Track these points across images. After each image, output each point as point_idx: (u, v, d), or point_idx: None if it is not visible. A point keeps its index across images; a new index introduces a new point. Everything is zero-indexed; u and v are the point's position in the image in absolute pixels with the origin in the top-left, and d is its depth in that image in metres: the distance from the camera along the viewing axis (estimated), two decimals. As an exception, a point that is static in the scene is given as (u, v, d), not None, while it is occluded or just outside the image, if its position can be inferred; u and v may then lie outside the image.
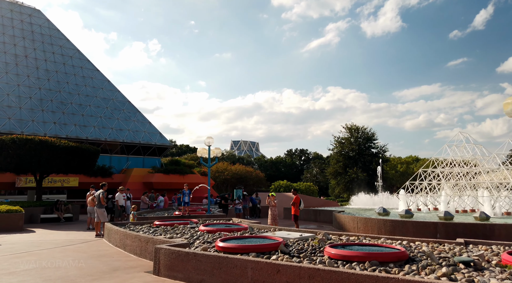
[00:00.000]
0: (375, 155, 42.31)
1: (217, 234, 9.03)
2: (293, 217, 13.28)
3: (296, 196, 13.47)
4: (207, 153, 18.29)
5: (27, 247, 10.28)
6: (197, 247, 7.51)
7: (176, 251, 6.57)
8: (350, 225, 14.65)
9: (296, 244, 7.04)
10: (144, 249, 8.53)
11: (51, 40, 44.89)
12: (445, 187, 18.35)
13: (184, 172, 39.17)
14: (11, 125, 34.35)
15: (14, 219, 15.15)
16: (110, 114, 42.00)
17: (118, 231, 10.04)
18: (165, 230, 10.12)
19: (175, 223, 11.07)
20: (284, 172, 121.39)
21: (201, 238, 8.55)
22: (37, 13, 46.81)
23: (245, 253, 6.37)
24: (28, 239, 12.25)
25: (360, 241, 7.53)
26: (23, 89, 37.89)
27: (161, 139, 43.91)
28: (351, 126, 43.55)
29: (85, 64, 45.48)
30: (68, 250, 9.77)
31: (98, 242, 11.31)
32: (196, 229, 10.11)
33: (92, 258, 8.54)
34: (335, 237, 8.20)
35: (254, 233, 9.09)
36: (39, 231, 14.82)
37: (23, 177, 31.18)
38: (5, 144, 19.88)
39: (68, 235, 13.43)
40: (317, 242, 7.04)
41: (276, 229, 10.04)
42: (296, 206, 13.25)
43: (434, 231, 11.79)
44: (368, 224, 13.64)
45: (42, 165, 19.90)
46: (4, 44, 40.39)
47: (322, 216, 19.85)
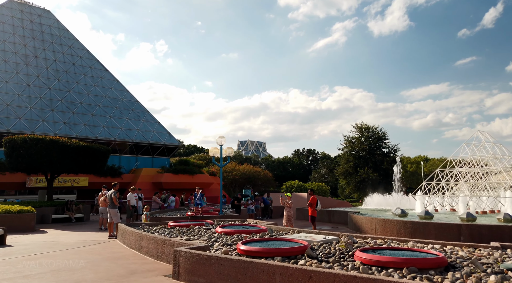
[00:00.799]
0: (386, 155, 41.66)
1: (235, 236, 8.73)
2: (310, 218, 12.93)
3: (312, 196, 13.11)
4: (219, 152, 18.00)
5: (40, 248, 10.09)
6: (217, 250, 7.22)
7: (197, 255, 6.27)
8: (367, 227, 14.26)
9: (322, 248, 6.70)
10: (161, 252, 8.26)
11: (61, 40, 45.03)
12: (464, 187, 17.84)
13: (193, 172, 39.00)
14: (21, 125, 34.46)
15: (26, 219, 15.02)
16: (119, 114, 42.00)
17: (132, 232, 9.79)
18: (180, 232, 9.85)
19: (190, 224, 10.80)
20: (292, 172, 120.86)
21: (220, 240, 8.25)
22: (46, 14, 47.00)
23: (269, 257, 6.06)
24: (40, 239, 12.08)
25: (388, 244, 7.17)
26: (33, 89, 38.02)
27: (170, 139, 43.81)
28: (362, 126, 43.02)
29: (94, 64, 45.54)
30: (82, 251, 9.55)
31: (112, 243, 11.08)
32: (212, 231, 9.82)
33: (107, 261, 8.29)
34: (360, 240, 7.84)
35: (274, 235, 8.77)
36: (51, 232, 14.66)
37: (34, 176, 31.22)
38: (16, 144, 19.82)
39: (80, 235, 13.24)
40: (344, 245, 6.69)
41: (295, 231, 9.71)
42: (313, 206, 12.89)
43: (457, 233, 11.36)
44: (386, 225, 13.24)
45: (53, 164, 19.80)
46: (14, 45, 40.59)
47: (336, 216, 19.46)
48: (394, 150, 41.73)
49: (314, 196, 13.07)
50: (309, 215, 13.11)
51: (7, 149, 20.31)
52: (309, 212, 13.09)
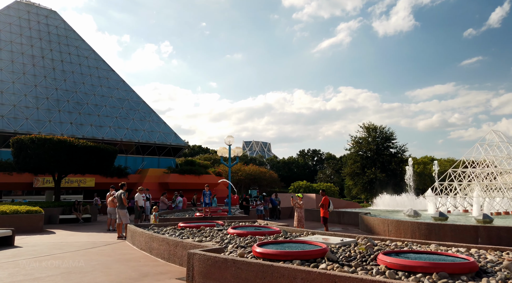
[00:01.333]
0: (394, 155, 41.20)
1: (249, 238, 8.50)
2: (322, 220, 12.67)
3: (324, 197, 12.84)
4: (228, 152, 17.78)
5: (49, 249, 9.93)
6: (231, 252, 7.00)
7: (212, 257, 6.05)
8: (379, 228, 13.97)
9: (342, 251, 6.45)
10: (172, 254, 8.05)
11: (67, 41, 45.15)
12: (477, 188, 17.47)
13: (200, 172, 38.87)
14: (28, 125, 34.54)
15: (34, 220, 14.91)
16: (125, 115, 41.99)
17: (143, 234, 9.60)
18: (191, 233, 9.64)
19: (201, 225, 10.59)
20: (297, 172, 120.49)
21: (233, 242, 8.03)
22: (53, 15, 47.16)
23: (287, 260, 5.82)
24: (49, 240, 11.93)
25: (409, 247, 6.90)
26: (40, 90, 38.12)
27: (176, 139, 43.73)
28: (369, 126, 42.60)
29: (101, 64, 45.61)
30: (91, 253, 9.37)
31: (121, 244, 10.90)
32: (224, 232, 9.60)
33: (118, 263, 8.10)
34: (379, 243, 7.58)
35: (288, 237, 8.53)
36: (59, 232, 14.53)
37: (41, 177, 31.25)
38: (24, 144, 19.76)
39: (89, 236, 13.09)
40: (364, 248, 6.44)
41: (309, 232, 9.46)
42: (325, 207, 12.63)
43: (475, 235, 11.05)
44: (400, 227, 12.94)
45: (61, 164, 19.71)
46: (21, 45, 40.74)
47: (346, 217, 19.16)
48: (402, 150, 41.28)
49: (326, 197, 12.80)
50: (321, 216, 12.85)
51: (14, 149, 20.26)
52: (321, 213, 12.83)
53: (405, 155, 41.40)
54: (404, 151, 41.29)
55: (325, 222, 12.75)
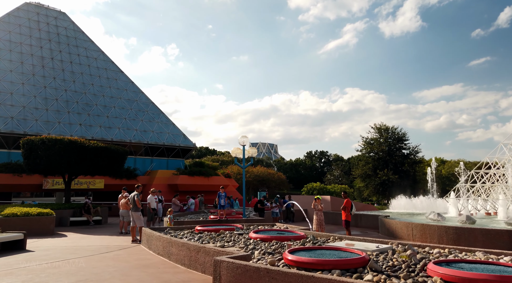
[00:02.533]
0: (407, 156, 40.38)
1: (274, 243, 8.00)
2: (344, 223, 12.11)
3: (347, 199, 12.29)
4: (242, 153, 17.31)
5: (63, 254, 9.52)
6: (260, 260, 6.50)
7: (242, 266, 5.57)
8: (403, 232, 13.38)
9: (382, 259, 5.92)
10: (194, 260, 7.58)
11: (76, 42, 45.09)
12: (502, 189, 16.78)
13: (209, 174, 38.43)
14: (38, 127, 34.40)
15: (45, 222, 14.55)
16: (134, 116, 41.75)
17: (160, 238, 9.14)
18: (211, 237, 9.16)
19: (220, 228, 10.11)
20: (304, 174, 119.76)
21: (258, 248, 7.53)
22: (62, 16, 47.17)
23: (325, 269, 5.31)
24: (61, 244, 11.54)
25: (455, 255, 6.34)
26: (50, 91, 38.02)
27: (184, 140, 43.38)
28: (380, 126, 41.83)
29: (109, 66, 45.48)
30: (107, 258, 8.93)
31: (137, 249, 10.45)
32: (245, 236, 9.11)
33: (136, 269, 7.65)
34: (419, 250, 7.02)
35: (316, 242, 8.01)
36: (70, 235, 14.16)
37: (50, 178, 31.03)
38: (35, 145, 19.48)
39: (102, 240, 12.68)
40: (406, 256, 5.90)
41: (336, 237, 8.93)
42: (348, 210, 12.08)
43: (508, 240, 10.43)
44: (426, 231, 12.35)
45: (72, 166, 19.39)
46: (31, 47, 40.73)
47: (364, 220, 18.57)
48: (415, 151, 40.47)
49: (349, 199, 12.25)
50: (342, 219, 12.29)
51: (25, 150, 19.99)
52: (342, 216, 12.27)
53: (418, 156, 40.62)
54: (417, 152, 40.50)
55: (348, 226, 12.19)
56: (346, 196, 12.38)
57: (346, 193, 12.55)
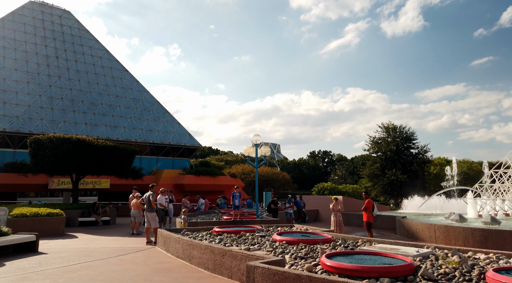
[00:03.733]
0: (415, 156, 39.86)
1: (302, 246, 7.60)
2: (366, 224, 11.70)
3: (368, 199, 11.87)
4: (254, 152, 16.91)
5: (77, 257, 9.14)
6: (293, 265, 6.11)
7: (280, 272, 5.17)
8: (424, 234, 12.95)
9: (430, 266, 5.51)
10: (219, 264, 7.18)
11: (81, 41, 44.80)
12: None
13: (215, 174, 38.07)
14: (43, 126, 34.10)
15: (55, 223, 14.19)
16: (139, 115, 41.42)
17: (180, 240, 8.75)
18: (232, 239, 8.77)
19: (241, 230, 9.71)
20: (307, 174, 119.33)
21: (288, 252, 7.13)
22: (67, 15, 46.88)
23: (372, 277, 4.91)
24: (73, 246, 11.17)
25: (506, 261, 5.92)
26: (55, 90, 37.72)
27: (190, 140, 43.03)
28: (388, 125, 41.36)
29: (114, 64, 45.16)
30: (124, 261, 8.55)
31: (153, 251, 10.07)
32: (269, 239, 8.71)
33: (157, 273, 7.26)
34: (464, 255, 6.61)
35: (347, 245, 7.61)
36: (81, 236, 13.79)
37: (56, 178, 30.72)
38: (42, 144, 19.13)
39: (114, 241, 12.30)
40: (456, 263, 5.49)
41: (364, 240, 8.52)
42: (369, 211, 11.66)
43: (540, 242, 9.99)
44: (450, 233, 11.92)
45: (80, 165, 19.03)
46: (35, 46, 40.44)
47: (379, 221, 18.13)
48: (424, 150, 39.94)
49: (370, 200, 11.83)
50: (363, 220, 11.87)
51: (32, 149, 19.65)
52: (364, 217, 11.85)
53: (427, 155, 40.09)
54: (426, 152, 39.96)
55: (369, 227, 11.78)
56: (368, 196, 11.96)
57: (367, 193, 12.13)
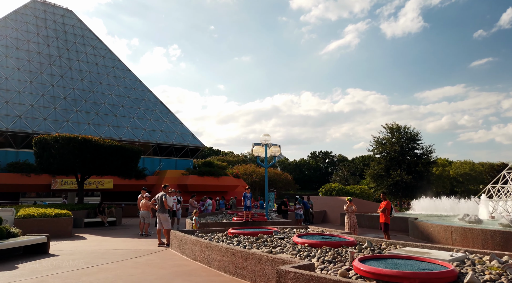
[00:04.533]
0: (420, 157, 39.67)
1: (327, 249, 7.35)
2: (383, 226, 11.46)
3: (387, 201, 11.64)
4: (264, 152, 16.66)
5: (90, 258, 8.89)
6: (323, 269, 5.88)
7: (315, 278, 4.93)
8: (440, 236, 12.72)
9: (472, 272, 5.27)
10: (241, 267, 6.94)
11: (83, 40, 44.55)
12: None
13: (219, 174, 37.80)
14: (46, 126, 33.84)
15: (63, 224, 13.94)
16: (142, 115, 41.18)
17: (197, 242, 8.50)
18: (250, 241, 8.52)
19: (258, 232, 9.46)
20: (308, 174, 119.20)
21: (313, 255, 6.88)
22: (69, 14, 46.65)
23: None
24: (83, 247, 10.92)
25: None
26: (58, 90, 37.46)
27: (193, 140, 42.79)
28: (392, 126, 41.15)
29: (117, 64, 44.93)
30: (140, 264, 8.30)
31: (167, 253, 9.82)
32: (289, 241, 8.47)
33: (177, 277, 7.01)
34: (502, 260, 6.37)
35: (374, 249, 7.36)
36: (90, 238, 13.54)
37: (59, 178, 30.47)
38: (48, 143, 18.88)
39: (125, 243, 12.04)
40: (499, 268, 5.25)
41: (387, 243, 8.28)
42: (388, 212, 11.43)
43: None
44: (467, 235, 11.68)
45: (86, 165, 18.78)
46: (38, 45, 40.20)
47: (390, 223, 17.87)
48: (429, 151, 39.73)
49: (389, 201, 11.59)
50: (380, 222, 11.63)
51: (37, 149, 19.40)
52: (381, 219, 11.60)
53: (432, 156, 39.87)
54: (431, 152, 39.74)
55: (387, 229, 11.53)
56: (386, 198, 11.72)
57: (385, 194, 11.88)
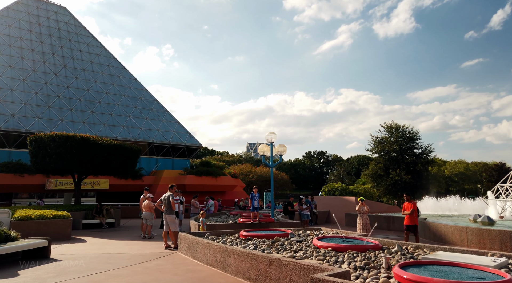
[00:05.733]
0: (419, 156, 39.50)
1: (355, 254, 6.90)
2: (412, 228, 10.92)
3: (414, 202, 11.18)
4: (269, 151, 16.20)
5: (96, 264, 8.33)
6: (358, 277, 5.42)
7: (358, 287, 4.46)
8: (454, 237, 12.35)
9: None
10: (264, 274, 6.45)
11: (78, 38, 43.67)
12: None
13: (217, 174, 37.24)
14: (40, 125, 32.97)
15: (62, 226, 13.32)
16: (138, 114, 40.45)
17: (211, 245, 7.99)
18: (268, 245, 8.04)
19: (273, 234, 8.98)
20: (303, 174, 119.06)
21: (341, 261, 6.42)
22: (63, 11, 45.71)
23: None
24: (86, 251, 10.34)
25: None
26: (51, 88, 36.59)
27: (190, 139, 42.16)
28: (391, 125, 40.94)
29: (112, 62, 44.11)
30: (151, 269, 7.77)
31: (177, 257, 9.29)
32: (307, 244, 8.00)
33: (194, 285, 6.50)
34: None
35: (404, 253, 6.92)
36: (90, 240, 12.94)
37: (53, 178, 29.67)
38: (44, 142, 18.19)
39: (129, 246, 11.48)
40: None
41: (413, 246, 7.86)
42: (416, 214, 10.97)
43: None
44: (484, 236, 11.33)
45: (84, 164, 18.13)
46: (31, 42, 39.25)
47: (397, 223, 17.55)
48: (428, 150, 39.56)
49: (414, 202, 11.14)
50: (404, 224, 11.16)
51: (33, 147, 18.68)
52: (405, 221, 11.12)
53: (430, 155, 39.71)
54: (430, 152, 39.58)
55: (416, 231, 10.98)
56: (410, 199, 11.23)
57: (409, 195, 11.40)
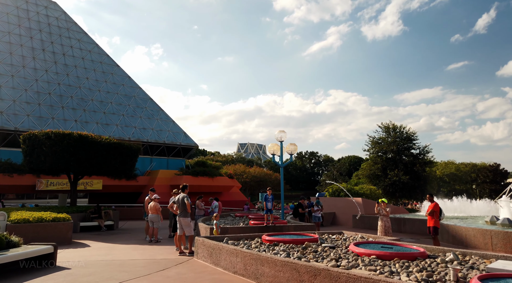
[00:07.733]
0: (416, 157, 39.36)
1: (406, 263, 6.29)
2: (433, 230, 10.46)
3: (435, 203, 10.68)
4: (279, 150, 15.56)
5: (109, 272, 7.54)
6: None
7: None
8: (477, 241, 11.89)
9: None
10: (308, 285, 5.78)
11: (69, 33, 42.34)
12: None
13: (213, 174, 36.41)
14: (30, 123, 31.67)
15: (62, 229, 12.43)
16: (132, 112, 39.35)
17: (237, 252, 7.29)
18: (301, 251, 7.38)
19: (304, 239, 8.32)
20: (295, 174, 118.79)
21: (396, 271, 5.80)
22: (53, 5, 44.30)
23: None
24: (93, 257, 9.51)
25: None
26: (42, 85, 35.26)
27: (185, 139, 41.22)
28: (388, 125, 40.75)
29: (104, 59, 42.89)
30: (172, 279, 7.02)
31: (195, 263, 8.54)
32: (343, 250, 7.37)
33: (229, 297, 5.80)
34: None
35: (461, 262, 6.34)
36: (93, 245, 12.08)
37: (44, 179, 28.46)
38: (38, 140, 17.18)
39: (138, 251, 10.67)
40: None
41: (457, 253, 7.29)
42: (437, 215, 10.46)
43: None
44: (511, 240, 10.87)
45: (81, 164, 17.19)
46: (20, 37, 37.82)
47: (408, 225, 17.09)
48: (426, 151, 39.48)
49: (437, 203, 10.65)
50: (428, 226, 10.66)
51: (26, 146, 17.65)
52: (428, 223, 10.62)
53: (428, 156, 39.63)
54: (428, 152, 39.51)
55: (437, 233, 10.48)
56: (432, 199, 10.77)
57: (432, 195, 10.95)
